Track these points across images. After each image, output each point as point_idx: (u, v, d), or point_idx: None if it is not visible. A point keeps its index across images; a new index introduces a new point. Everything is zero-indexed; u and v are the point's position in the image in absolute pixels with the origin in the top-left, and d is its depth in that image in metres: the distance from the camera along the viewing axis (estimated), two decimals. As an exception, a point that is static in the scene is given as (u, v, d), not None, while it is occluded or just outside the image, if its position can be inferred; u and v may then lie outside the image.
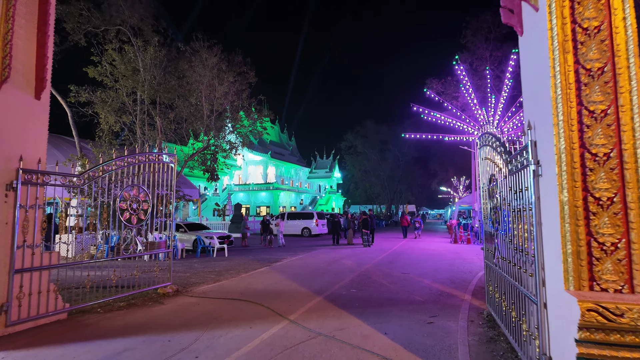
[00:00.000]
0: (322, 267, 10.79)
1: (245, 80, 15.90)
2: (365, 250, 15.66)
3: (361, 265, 11.07)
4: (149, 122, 14.66)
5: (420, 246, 17.42)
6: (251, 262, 12.06)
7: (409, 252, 14.65)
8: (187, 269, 10.61)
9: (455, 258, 12.81)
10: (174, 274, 9.65)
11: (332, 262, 11.84)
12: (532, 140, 3.25)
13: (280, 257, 13.36)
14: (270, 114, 16.61)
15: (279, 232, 17.77)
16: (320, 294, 7.20)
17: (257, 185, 50.58)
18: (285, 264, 11.44)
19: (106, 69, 13.04)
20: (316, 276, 9.22)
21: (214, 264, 11.80)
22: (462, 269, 10.33)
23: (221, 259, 13.22)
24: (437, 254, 14.00)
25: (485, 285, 6.05)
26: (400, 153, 53.43)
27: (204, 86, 13.72)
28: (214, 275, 9.56)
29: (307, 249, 16.13)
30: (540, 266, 3.11)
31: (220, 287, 7.99)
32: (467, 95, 21.41)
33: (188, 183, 25.82)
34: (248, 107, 15.37)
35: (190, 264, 11.89)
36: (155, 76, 13.85)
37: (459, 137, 21.87)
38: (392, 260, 12.26)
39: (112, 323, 5.46)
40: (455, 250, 15.64)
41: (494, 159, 5.04)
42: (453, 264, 11.43)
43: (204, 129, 14.51)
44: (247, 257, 13.40)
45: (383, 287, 7.87)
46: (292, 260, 12.47)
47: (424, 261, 11.98)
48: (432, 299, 6.83)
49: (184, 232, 16.61)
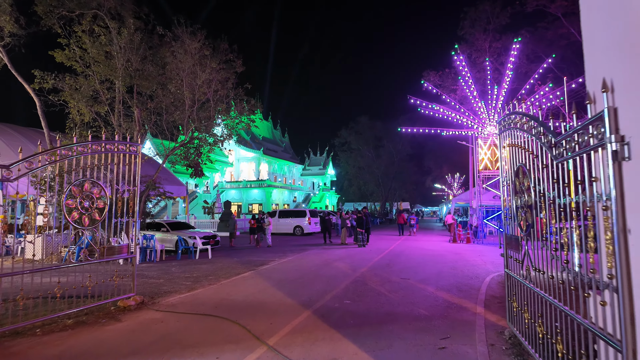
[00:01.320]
0: (312, 271, 9.74)
1: (232, 70, 14.75)
2: (360, 250, 14.64)
3: (356, 269, 10.05)
4: (126, 113, 13.46)
5: (418, 246, 16.46)
6: (235, 265, 10.98)
7: (407, 253, 13.67)
8: (162, 274, 9.50)
9: (457, 260, 11.84)
10: (145, 280, 8.56)
11: (324, 265, 10.80)
12: (610, 106, 2.21)
13: (267, 259, 12.30)
14: (259, 106, 15.46)
15: (267, 231, 16.68)
16: (309, 306, 6.14)
17: (249, 182, 49.39)
18: (272, 268, 10.37)
19: (75, 53, 11.81)
20: (305, 283, 8.17)
21: (194, 267, 10.70)
22: (466, 273, 9.34)
23: (203, 261, 12.12)
24: (437, 255, 13.03)
25: (505, 298, 5.04)
26: (395, 150, 52.51)
27: (185, 73, 12.55)
28: (191, 281, 8.47)
29: (297, 250, 15.08)
30: (626, 294, 2.08)
31: (194, 298, 6.91)
32: (466, 87, 20.48)
33: (174, 180, 24.56)
34: (235, 98, 14.18)
35: (168, 267, 10.78)
36: (132, 62, 12.65)
37: (457, 131, 20.93)
38: (389, 262, 11.26)
39: (46, 350, 4.36)
40: (455, 250, 14.69)
41: (524, 144, 4.02)
42: (456, 267, 10.46)
43: (186, 120, 13.34)
44: (232, 259, 12.32)
45: (381, 296, 6.84)
46: (280, 263, 11.41)
47: (424, 264, 10.99)
48: (439, 312, 5.82)
49: (166, 232, 15.46)
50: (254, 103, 14.72)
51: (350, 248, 15.61)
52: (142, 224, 14.41)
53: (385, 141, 52.60)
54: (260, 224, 16.87)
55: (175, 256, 13.18)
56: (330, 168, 64.18)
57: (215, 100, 13.57)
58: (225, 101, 13.65)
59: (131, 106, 13.20)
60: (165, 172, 23.79)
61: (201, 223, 29.25)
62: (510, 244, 4.74)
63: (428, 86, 20.55)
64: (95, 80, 12.15)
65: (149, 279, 8.90)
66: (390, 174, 53.17)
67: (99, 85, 12.24)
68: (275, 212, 26.28)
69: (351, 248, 15.59)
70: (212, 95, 13.25)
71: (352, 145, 53.19)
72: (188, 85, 12.83)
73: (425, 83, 20.58)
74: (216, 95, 13.41)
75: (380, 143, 53.43)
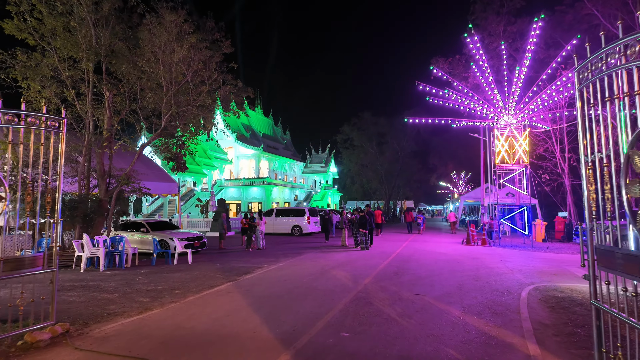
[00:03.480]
0: (305, 282, 7.98)
1: (220, 52, 13.01)
2: (362, 254, 12.86)
3: (358, 279, 8.27)
4: (96, 99, 11.74)
5: (428, 249, 14.65)
6: (214, 273, 9.23)
7: (418, 258, 11.87)
8: (121, 286, 7.77)
9: (477, 267, 10.04)
10: (94, 296, 6.82)
11: (320, 273, 9.02)
12: None
13: (255, 265, 10.55)
14: (249, 92, 13.65)
15: (258, 232, 14.93)
16: (291, 343, 4.38)
17: (249, 180, 47.69)
18: (257, 278, 8.61)
19: (28, 24, 10.09)
20: (293, 301, 6.40)
21: (165, 276, 8.97)
22: (495, 286, 7.55)
23: (180, 267, 10.40)
24: (453, 261, 11.23)
25: (595, 347, 3.21)
26: (399, 146, 50.54)
27: (161, 50, 10.80)
28: (150, 297, 6.73)
29: (292, 253, 13.32)
30: None
31: (141, 325, 5.16)
32: (479, 74, 18.61)
33: (165, 176, 22.90)
34: (222, 82, 12.37)
35: (135, 275, 9.06)
36: (99, 37, 10.93)
37: (470, 121, 19.07)
38: (397, 270, 9.47)
39: None
40: (471, 254, 12.88)
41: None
42: (479, 276, 8.66)
43: (164, 106, 11.59)
44: (214, 265, 10.58)
45: (392, 324, 5.07)
46: (268, 270, 9.64)
47: (439, 272, 9.19)
48: (476, 354, 4.04)
49: (146, 233, 13.77)
50: (241, 87, 12.92)
51: (351, 251, 13.83)
52: (116, 223, 12.71)
53: (389, 137, 50.67)
54: (252, 223, 15.14)
55: (152, 260, 11.44)
56: (333, 165, 62.39)
57: (197, 82, 11.81)
58: (208, 83, 11.85)
59: (101, 89, 11.47)
60: (155, 167, 22.10)
61: (194, 222, 27.57)
62: (605, 259, 2.93)
63: (437, 72, 18.68)
64: (54, 57, 10.43)
65: (100, 292, 7.17)
66: (394, 171, 51.25)
67: (59, 63, 10.52)
68: (272, 211, 24.54)
69: (353, 251, 13.81)
70: (192, 76, 11.48)
71: (354, 141, 51.30)
72: (164, 64, 11.08)
73: (435, 69, 18.71)
74: (197, 76, 11.63)
75: (383, 139, 51.53)
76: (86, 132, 11.35)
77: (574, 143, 19.77)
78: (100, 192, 11.95)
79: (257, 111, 57.20)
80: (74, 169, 12.06)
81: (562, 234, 18.87)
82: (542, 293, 6.93)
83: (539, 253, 13.60)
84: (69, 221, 11.15)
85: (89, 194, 12.10)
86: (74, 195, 11.44)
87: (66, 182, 12.03)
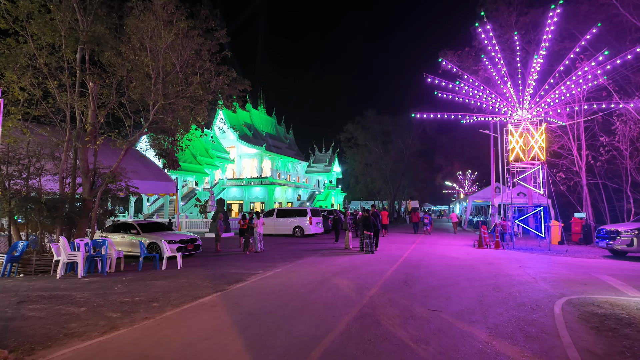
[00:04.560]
0: (302, 293, 7.02)
1: (214, 41, 12.09)
2: (367, 259, 11.89)
3: (362, 289, 7.30)
4: (81, 90, 10.86)
5: (438, 252, 13.64)
6: (202, 281, 8.30)
7: (428, 263, 10.87)
8: (94, 297, 6.85)
9: (495, 274, 9.03)
10: (59, 309, 5.91)
11: (320, 282, 8.06)
12: None
13: (249, 271, 9.61)
14: (246, 84, 12.68)
15: (256, 234, 14.00)
16: (277, 381, 3.43)
17: (252, 180, 46.82)
18: (248, 287, 7.66)
19: (1, 6, 9.21)
20: (286, 318, 5.45)
21: (147, 284, 8.05)
22: (520, 299, 6.55)
23: (167, 273, 9.48)
24: (467, 266, 10.22)
25: None
26: (404, 145, 49.41)
27: (148, 36, 9.88)
28: (121, 313, 5.80)
29: (291, 257, 12.36)
30: None
31: (94, 354, 4.23)
32: (491, 67, 17.57)
33: (162, 175, 22.08)
34: (215, 73, 11.39)
35: (114, 283, 8.15)
36: (80, 22, 10.03)
37: (482, 117, 18.02)
38: (407, 278, 8.48)
39: None
40: (485, 258, 11.87)
41: None
42: (499, 286, 7.66)
43: (152, 97, 10.67)
44: (204, 272, 9.65)
45: (405, 354, 4.09)
46: (263, 278, 8.70)
47: (454, 280, 8.20)
48: (519, 402, 3.06)
49: (136, 235, 12.90)
50: (237, 78, 11.97)
51: (355, 255, 12.85)
52: (101, 224, 11.82)
53: (394, 136, 49.58)
54: (251, 225, 14.21)
55: (139, 265, 10.53)
56: (336, 165, 61.40)
57: (187, 72, 10.89)
58: (200, 73, 10.91)
59: (85, 80, 10.59)
60: (152, 166, 21.24)
61: (193, 223, 26.74)
62: None
63: (446, 65, 17.65)
64: (30, 44, 9.54)
65: (67, 305, 6.25)
66: (399, 170, 50.12)
67: (36, 51, 9.63)
68: (273, 211, 23.62)
69: (357, 255, 12.84)
70: (182, 65, 10.54)
71: (358, 140, 50.23)
72: (152, 52, 10.16)
73: (444, 61, 17.68)
74: (187, 65, 10.70)
75: (388, 138, 50.43)
76: (67, 126, 10.45)
77: (592, 139, 18.65)
78: (84, 192, 11.06)
79: (260, 110, 56.37)
80: (56, 166, 11.17)
81: (579, 236, 17.78)
82: (578, 309, 5.92)
83: (558, 257, 12.56)
84: (49, 223, 10.27)
85: (72, 194, 11.22)
86: (55, 194, 10.55)
87: (48, 180, 11.14)
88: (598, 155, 18.47)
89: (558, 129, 18.33)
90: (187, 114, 10.59)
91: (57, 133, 10.88)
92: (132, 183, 17.19)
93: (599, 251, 14.26)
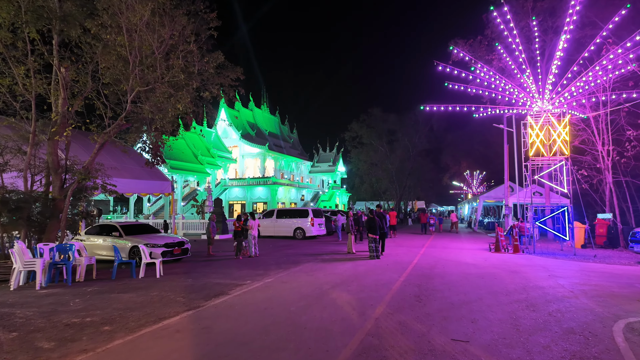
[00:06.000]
0: (292, 313, 5.71)
1: (205, 25, 10.86)
2: (372, 265, 10.56)
3: (366, 307, 5.98)
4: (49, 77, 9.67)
5: (451, 257, 12.26)
6: (177, 294, 7.02)
7: (442, 271, 9.50)
8: (36, 316, 5.59)
9: (524, 286, 7.65)
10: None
11: (316, 297, 6.74)
12: None
13: (236, 281, 8.32)
14: (238, 71, 11.42)
15: (250, 237, 12.72)
16: None
17: (254, 180, 45.59)
18: (228, 304, 6.36)
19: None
20: (264, 354, 4.14)
21: (111, 298, 6.78)
22: (565, 322, 5.18)
23: (141, 283, 8.22)
24: (488, 275, 8.85)
25: None
26: (410, 143, 47.94)
27: (120, 10, 8.64)
28: (55, 342, 4.54)
29: (287, 263, 11.06)
30: None
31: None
32: (505, 55, 16.17)
33: (157, 174, 20.91)
34: (194, 49, 10.10)
35: (73, 297, 6.90)
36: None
37: (497, 108, 16.60)
38: (420, 291, 7.14)
39: None
40: (507, 265, 10.47)
41: None
42: (532, 302, 6.29)
43: (130, 84, 9.45)
44: (184, 281, 8.38)
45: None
46: (250, 290, 7.40)
47: (477, 295, 6.84)
48: None
49: (118, 237, 11.68)
50: (224, 61, 10.69)
51: (358, 260, 11.52)
52: (74, 227, 10.62)
53: (400, 134, 48.11)
54: (245, 226, 12.93)
55: (112, 272, 9.27)
56: (341, 165, 60.02)
57: (169, 55, 9.64)
58: (182, 55, 9.65)
59: (52, 63, 9.40)
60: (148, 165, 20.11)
61: (189, 224, 25.52)
62: None
63: (458, 53, 16.27)
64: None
65: (-3, 330, 5.00)
66: (405, 170, 48.63)
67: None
68: (273, 212, 22.34)
69: (360, 260, 11.51)
70: (163, 48, 9.29)
71: (363, 139, 48.81)
72: (128, 33, 8.91)
73: (455, 49, 16.29)
74: (164, 45, 9.40)
75: (394, 137, 48.99)
76: (32, 116, 9.25)
77: (618, 134, 17.13)
78: (54, 190, 9.85)
79: (263, 109, 55.21)
80: (24, 161, 9.98)
81: (603, 239, 16.27)
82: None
83: (588, 264, 11.14)
84: (11, 225, 9.08)
85: (46, 192, 10.02)
86: (19, 193, 9.35)
87: (16, 178, 9.94)
88: (623, 150, 16.97)
89: (581, 122, 16.84)
90: (165, 100, 9.31)
91: (22, 123, 9.70)
92: (125, 182, 15.91)
93: (630, 256, 12.81)
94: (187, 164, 39.04)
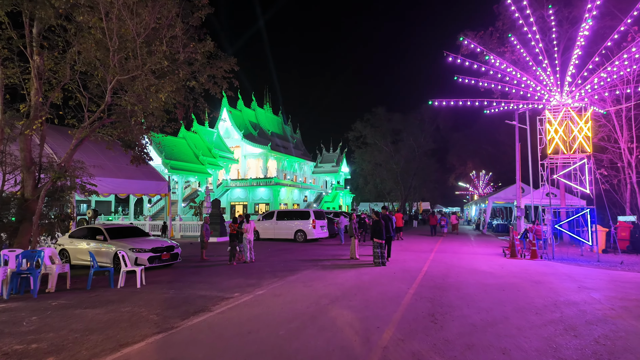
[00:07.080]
0: (280, 338, 4.72)
1: (197, 12, 9.91)
2: (378, 274, 9.54)
3: (371, 331, 4.97)
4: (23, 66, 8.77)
5: (464, 264, 11.20)
6: (150, 310, 6.04)
7: (456, 280, 8.45)
8: (-24, 342, 4.65)
9: (553, 300, 6.60)
10: None
11: (311, 316, 5.73)
12: None
13: (223, 293, 7.33)
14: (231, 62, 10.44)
15: (245, 241, 11.75)
16: None
17: (256, 180, 44.67)
18: (207, 325, 5.37)
19: None
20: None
21: (74, 315, 5.83)
22: (619, 353, 4.15)
23: (116, 295, 7.26)
24: (509, 287, 7.79)
25: None
26: (415, 143, 46.81)
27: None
28: (-22, 380, 3.58)
29: (284, 271, 10.07)
30: None
31: None
32: (519, 47, 15.10)
33: (154, 174, 20.08)
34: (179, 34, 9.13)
35: (32, 312, 5.95)
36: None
37: (512, 103, 15.51)
38: (434, 308, 6.11)
39: None
40: (528, 274, 9.40)
41: None
42: (570, 323, 5.25)
43: (110, 74, 8.53)
44: (165, 293, 7.41)
45: None
46: (236, 305, 6.41)
47: (501, 313, 5.79)
48: None
49: (103, 241, 10.75)
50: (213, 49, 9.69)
51: (362, 268, 10.50)
52: (50, 230, 9.71)
53: (405, 134, 47.00)
54: (240, 230, 11.97)
55: (88, 282, 8.33)
56: (344, 165, 58.97)
57: (149, 38, 8.68)
58: (165, 41, 8.69)
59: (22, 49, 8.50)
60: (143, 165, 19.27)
61: (186, 225, 24.62)
62: None
63: (469, 44, 15.23)
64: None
65: None
66: (410, 170, 47.48)
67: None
68: (273, 214, 21.38)
69: (365, 268, 10.49)
70: (140, 30, 8.32)
71: (367, 139, 47.73)
72: (104, 14, 7.98)
73: (466, 40, 15.26)
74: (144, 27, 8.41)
75: (399, 137, 47.89)
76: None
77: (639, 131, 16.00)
78: (26, 190, 8.95)
79: (266, 109, 54.33)
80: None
81: (626, 243, 15.12)
82: None
83: (616, 272, 10.04)
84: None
85: (22, 192, 9.13)
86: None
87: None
88: (647, 148, 15.85)
89: (602, 117, 15.72)
90: (146, 89, 8.35)
91: None
92: (118, 181, 14.92)
93: (662, 263, 11.69)
94: (188, 164, 38.25)
